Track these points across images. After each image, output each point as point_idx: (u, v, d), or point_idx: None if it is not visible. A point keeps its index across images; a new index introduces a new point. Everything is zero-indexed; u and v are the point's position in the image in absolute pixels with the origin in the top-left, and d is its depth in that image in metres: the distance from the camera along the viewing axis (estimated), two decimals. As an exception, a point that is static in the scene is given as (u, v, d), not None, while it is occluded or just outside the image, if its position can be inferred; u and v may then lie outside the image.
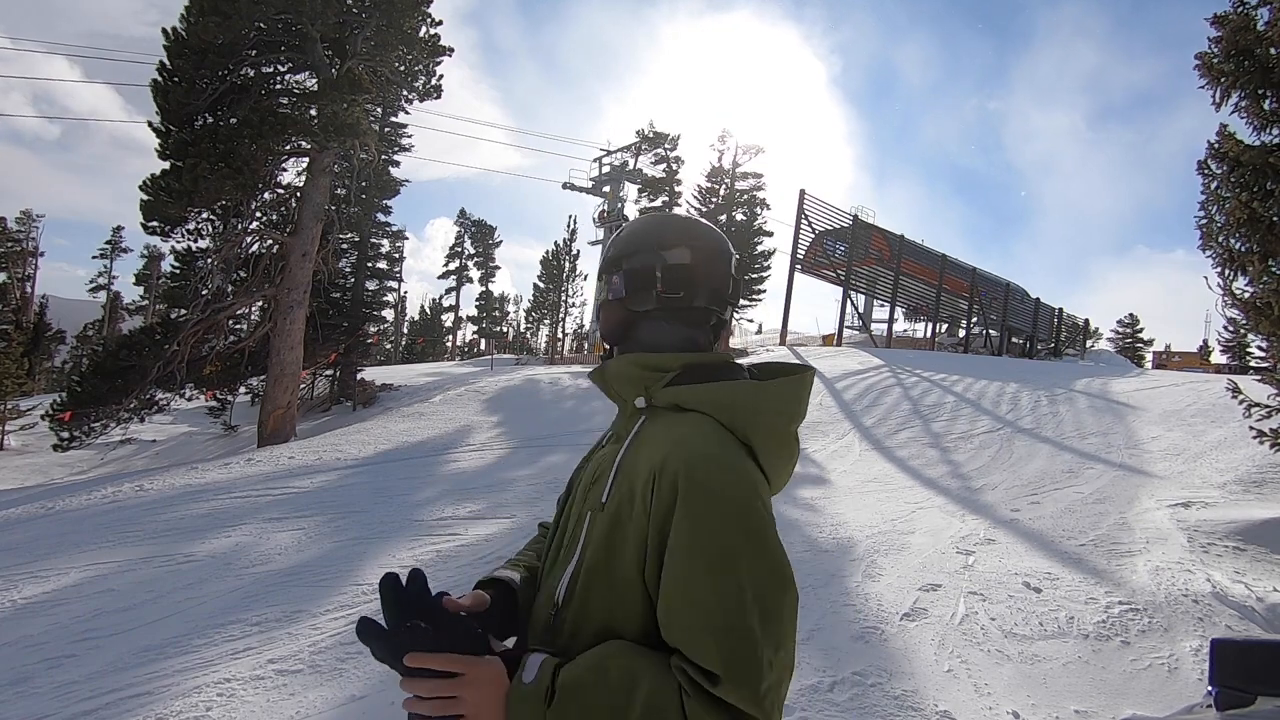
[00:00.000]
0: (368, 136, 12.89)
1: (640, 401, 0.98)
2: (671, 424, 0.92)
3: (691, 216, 1.09)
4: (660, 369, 0.97)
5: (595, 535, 0.90)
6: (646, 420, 0.96)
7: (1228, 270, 6.37)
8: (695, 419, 0.91)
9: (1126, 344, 40.80)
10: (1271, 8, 6.23)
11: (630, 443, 0.94)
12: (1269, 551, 5.20)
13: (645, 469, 0.87)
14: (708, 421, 0.90)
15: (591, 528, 0.91)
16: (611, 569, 0.87)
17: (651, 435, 0.93)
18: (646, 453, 0.89)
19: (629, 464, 0.91)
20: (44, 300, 27.28)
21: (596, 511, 0.91)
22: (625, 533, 0.86)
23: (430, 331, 44.97)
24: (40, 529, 5.90)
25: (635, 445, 0.93)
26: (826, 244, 22.61)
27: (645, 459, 0.88)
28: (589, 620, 0.88)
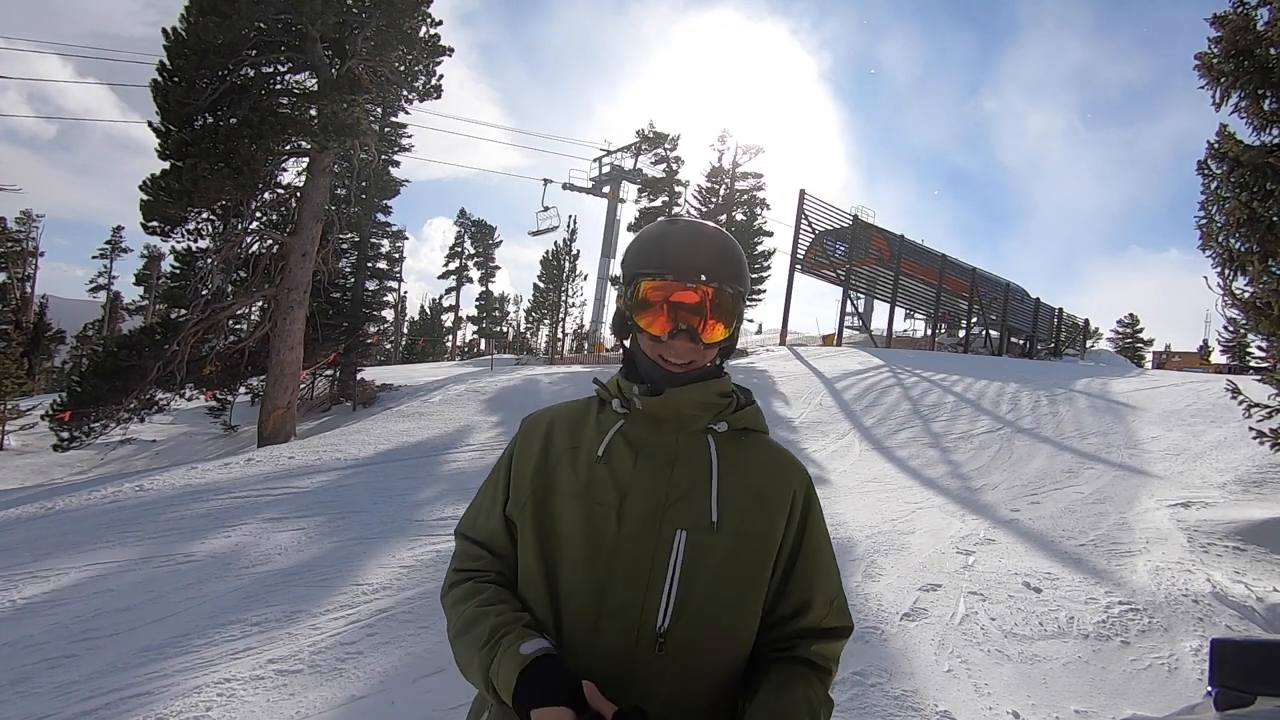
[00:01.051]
0: (368, 136, 12.88)
1: (722, 427, 1.03)
2: (759, 446, 1.06)
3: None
4: (728, 394, 1.06)
5: (706, 553, 0.94)
6: (720, 441, 1.02)
7: (1228, 270, 6.37)
8: (769, 441, 1.08)
9: (1126, 344, 40.79)
10: (1271, 8, 6.23)
11: (719, 465, 0.99)
12: (1269, 551, 5.20)
13: (776, 488, 1.01)
14: (774, 440, 1.09)
15: (695, 546, 0.94)
16: (733, 581, 0.96)
17: (745, 457, 1.03)
18: (758, 474, 1.01)
19: (733, 485, 0.99)
20: (44, 300, 27.27)
21: (699, 531, 0.95)
22: (759, 546, 0.98)
23: (430, 331, 44.97)
24: (40, 529, 5.90)
25: (728, 467, 1.00)
26: (826, 244, 22.62)
27: (767, 479, 1.02)
28: (700, 639, 0.94)
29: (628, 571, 0.94)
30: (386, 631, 3.79)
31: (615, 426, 1.03)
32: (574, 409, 1.10)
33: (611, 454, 1.00)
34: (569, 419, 1.08)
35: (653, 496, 0.97)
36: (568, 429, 1.06)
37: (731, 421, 1.04)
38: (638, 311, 1.02)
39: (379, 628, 3.81)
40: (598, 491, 0.98)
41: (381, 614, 4.00)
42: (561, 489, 1.00)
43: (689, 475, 0.98)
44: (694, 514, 0.96)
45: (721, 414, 1.04)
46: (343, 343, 16.79)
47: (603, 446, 1.01)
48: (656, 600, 0.93)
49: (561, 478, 1.01)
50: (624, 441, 1.01)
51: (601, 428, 1.04)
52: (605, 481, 0.98)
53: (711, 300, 1.00)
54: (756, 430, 1.07)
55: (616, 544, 0.95)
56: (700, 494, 0.97)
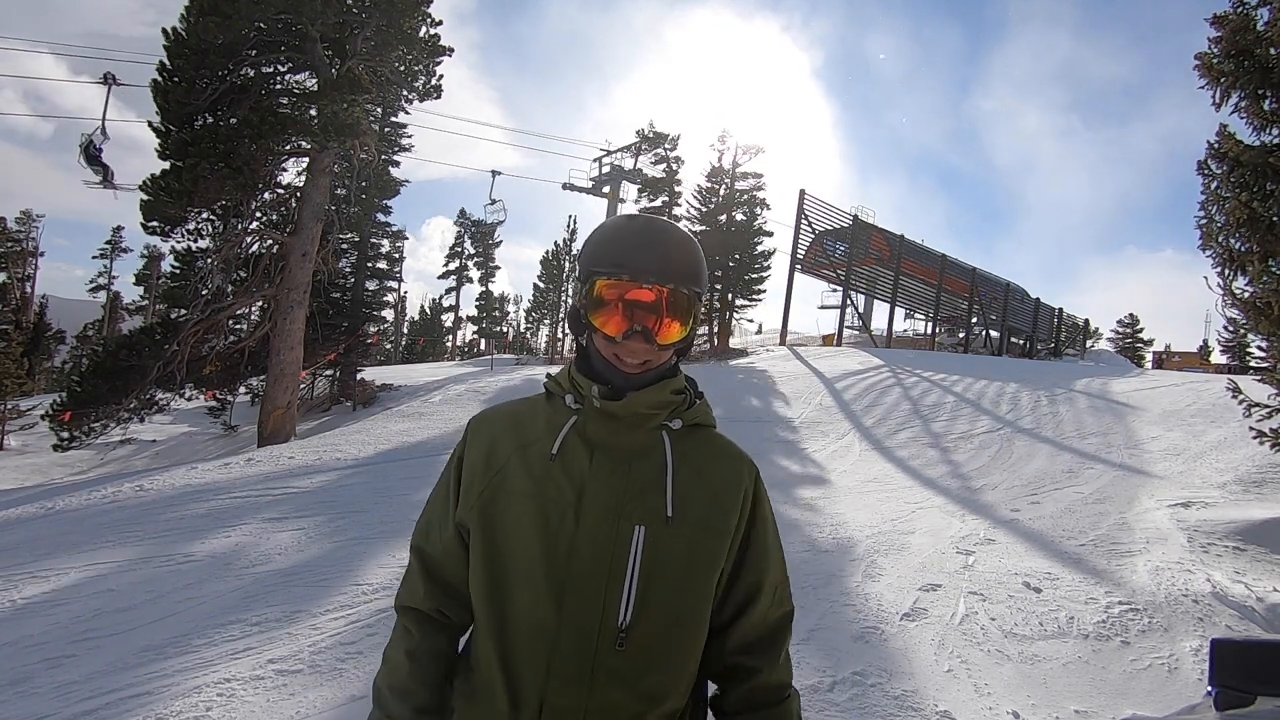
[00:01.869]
0: (368, 136, 12.88)
1: (677, 424, 1.03)
2: (711, 441, 1.07)
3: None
4: (682, 392, 1.06)
5: (663, 547, 0.95)
6: (675, 438, 1.02)
7: (1228, 270, 6.37)
8: (719, 435, 1.09)
9: (1126, 344, 40.79)
10: (1271, 8, 6.23)
11: (673, 460, 1.00)
12: (1269, 551, 5.20)
13: (728, 483, 1.03)
14: (723, 435, 1.10)
15: (653, 541, 0.95)
16: (690, 574, 0.97)
17: (698, 452, 1.03)
18: (711, 469, 1.03)
19: (687, 480, 1.00)
20: (44, 300, 27.27)
21: (657, 525, 0.96)
22: (715, 538, 0.99)
23: (430, 331, 44.97)
24: (40, 529, 5.90)
25: (682, 462, 1.00)
26: (826, 244, 22.62)
27: (719, 474, 1.03)
28: (659, 633, 0.96)
29: (587, 569, 0.94)
30: (386, 631, 3.77)
31: (569, 423, 1.01)
32: (520, 407, 1.09)
33: (566, 451, 0.99)
34: (516, 417, 1.07)
35: (611, 493, 0.96)
36: (516, 427, 1.04)
37: (685, 418, 1.04)
38: (593, 310, 1.00)
39: (379, 628, 3.81)
40: (553, 489, 0.97)
41: (381, 614, 4.00)
42: (513, 489, 0.98)
43: (645, 471, 0.98)
44: (651, 509, 0.96)
45: (675, 411, 1.04)
46: (343, 343, 16.79)
47: (556, 444, 0.99)
48: (617, 597, 0.93)
49: (513, 477, 0.99)
50: (579, 438, 1.00)
51: (552, 425, 1.02)
52: (560, 479, 0.97)
53: (667, 300, 0.99)
54: (706, 425, 1.08)
55: (574, 543, 0.94)
56: (656, 489, 0.97)
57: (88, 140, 14.99)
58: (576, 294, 1.06)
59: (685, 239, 1.02)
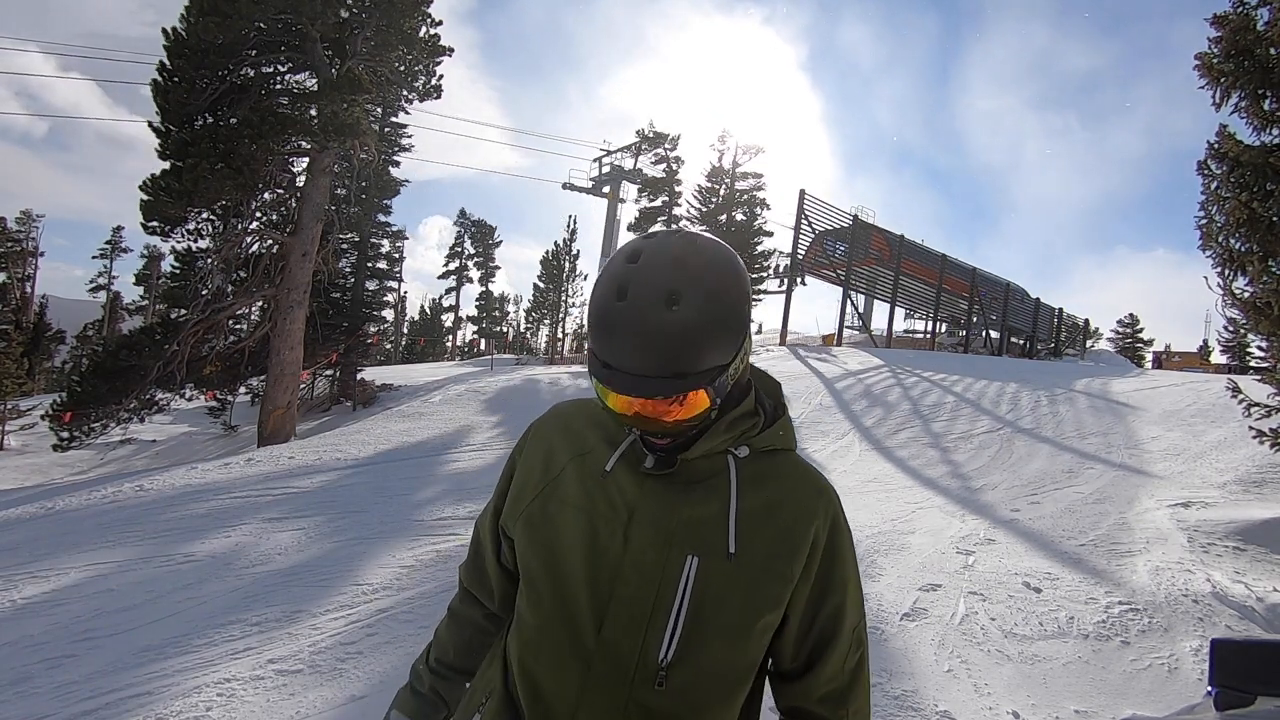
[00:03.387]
0: (368, 136, 12.89)
1: (744, 451, 0.92)
2: (786, 469, 0.95)
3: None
4: (750, 415, 0.95)
5: (718, 584, 0.86)
6: (741, 464, 0.92)
7: (1228, 270, 6.37)
8: (797, 461, 0.97)
9: (1126, 344, 40.80)
10: (1271, 8, 6.23)
11: (738, 490, 0.90)
12: (1269, 551, 5.20)
13: (802, 518, 0.91)
14: (801, 460, 0.98)
15: (707, 576, 0.86)
16: (746, 616, 0.87)
17: (770, 481, 0.92)
18: (782, 501, 0.91)
19: (754, 512, 0.89)
20: (44, 300, 27.29)
21: (716, 559, 0.86)
22: (779, 583, 0.88)
23: (430, 332, 44.98)
24: (40, 529, 5.90)
25: (750, 491, 0.90)
26: (826, 244, 22.62)
27: (793, 508, 0.91)
28: (703, 677, 0.87)
29: (631, 595, 0.86)
30: (386, 631, 3.79)
31: (628, 440, 0.93)
32: (584, 410, 1.01)
33: (620, 469, 0.91)
34: (578, 419, 1.00)
35: (664, 517, 0.88)
36: (576, 432, 0.98)
37: (754, 444, 0.93)
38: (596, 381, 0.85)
39: (379, 628, 3.82)
40: (604, 504, 0.90)
41: (381, 614, 4.01)
42: (566, 498, 0.92)
43: (705, 499, 0.89)
44: (708, 540, 0.87)
45: (744, 435, 0.93)
46: (343, 343, 16.80)
47: (611, 461, 0.92)
48: (660, 631, 0.85)
49: (566, 486, 0.93)
50: (636, 458, 0.92)
51: (611, 437, 0.94)
52: (613, 495, 0.90)
53: (663, 409, 0.83)
54: (784, 449, 0.97)
55: (620, 564, 0.87)
56: (716, 519, 0.88)
57: None
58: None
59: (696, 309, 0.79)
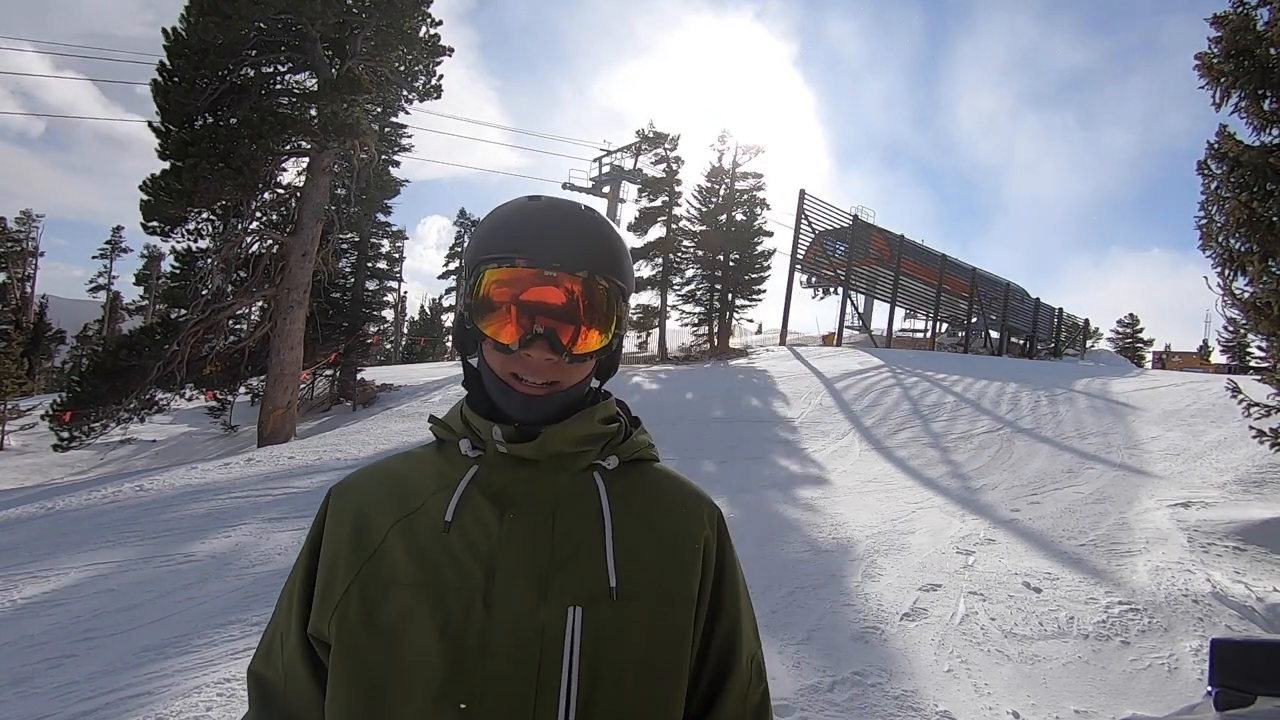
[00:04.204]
0: (368, 136, 12.89)
1: (612, 461, 0.79)
2: (657, 479, 0.83)
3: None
4: (615, 419, 0.83)
5: (611, 631, 0.71)
6: (610, 479, 0.78)
7: (1228, 270, 6.38)
8: (665, 471, 0.85)
9: (1126, 344, 40.81)
10: (1271, 8, 6.24)
11: (611, 510, 0.76)
12: (1269, 551, 5.20)
13: (686, 531, 0.79)
14: (669, 467, 0.86)
15: (597, 625, 0.71)
16: (654, 660, 0.74)
17: (643, 496, 0.80)
18: (661, 516, 0.79)
19: (632, 535, 0.76)
20: (44, 300, 27.32)
21: (599, 601, 0.71)
22: (678, 608, 0.76)
23: (430, 332, 45.00)
24: (40, 529, 5.90)
25: (623, 510, 0.77)
26: (826, 244, 22.63)
27: (673, 521, 0.79)
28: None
29: (507, 676, 0.69)
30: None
31: (467, 475, 0.75)
32: (397, 465, 0.82)
33: (465, 515, 0.73)
34: (392, 478, 0.80)
35: (532, 563, 0.71)
36: (393, 492, 0.78)
37: (622, 453, 0.81)
38: (481, 314, 0.75)
39: (379, 628, 3.81)
40: (450, 572, 0.71)
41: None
42: (396, 578, 0.72)
43: (576, 528, 0.74)
44: (587, 580, 0.72)
45: (609, 445, 0.80)
46: (343, 343, 16.81)
47: (452, 506, 0.73)
48: (552, 706, 0.68)
49: (393, 562, 0.73)
50: (481, 495, 0.74)
51: (445, 479, 0.77)
52: (460, 555, 0.71)
53: (581, 294, 0.75)
54: (649, 459, 0.84)
55: (486, 641, 0.69)
56: (592, 551, 0.73)
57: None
58: (460, 297, 0.80)
59: (601, 222, 0.78)
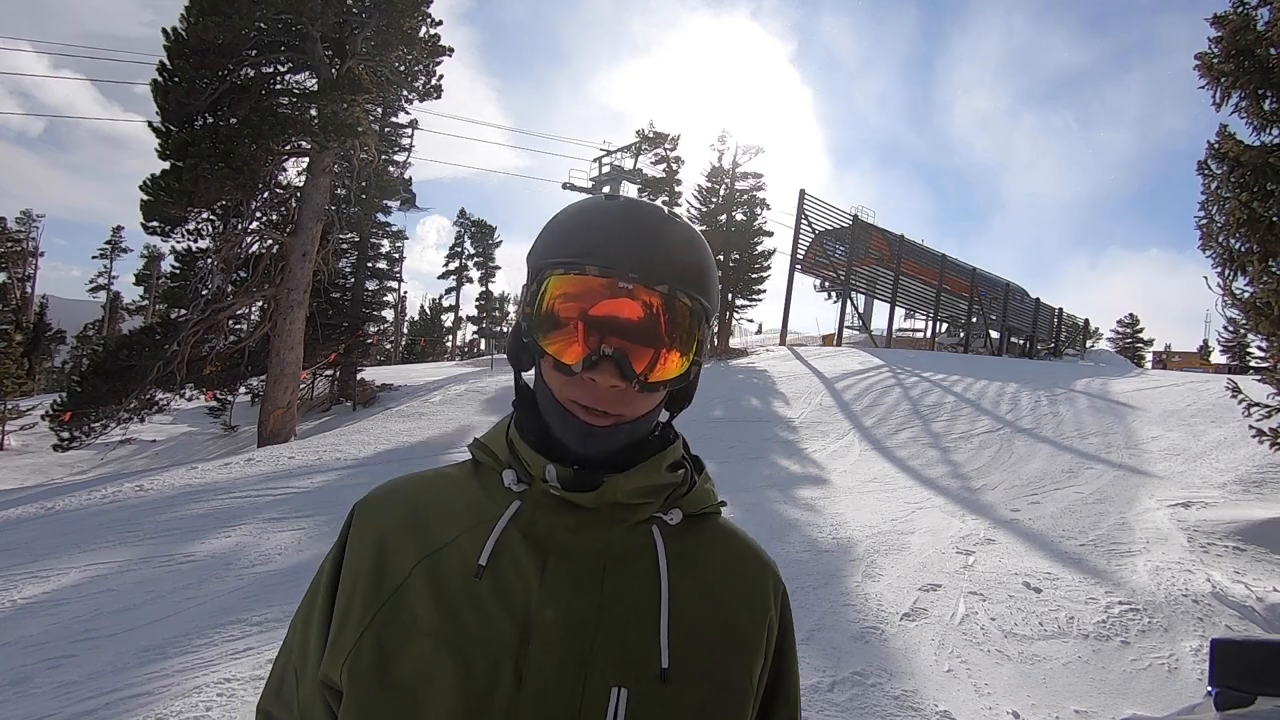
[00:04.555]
0: (368, 136, 12.89)
1: (675, 516, 0.68)
2: (720, 540, 0.72)
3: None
4: (681, 466, 0.72)
5: (657, 717, 0.61)
6: (670, 536, 0.68)
7: (1228, 270, 6.38)
8: (728, 528, 0.74)
9: (1126, 344, 40.82)
10: (1271, 8, 6.24)
11: (669, 576, 0.65)
12: (1269, 551, 5.20)
13: (751, 606, 0.69)
14: (730, 523, 0.75)
15: (644, 708, 0.60)
16: None
17: (704, 559, 0.69)
18: (727, 584, 0.69)
19: (692, 604, 0.65)
20: (44, 300, 27.33)
21: (646, 684, 0.61)
22: (735, 700, 0.66)
23: (430, 332, 45.03)
24: (40, 529, 5.90)
25: (682, 576, 0.66)
26: (826, 244, 22.64)
27: (738, 593, 0.69)
28: None
29: None
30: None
31: (508, 512, 0.65)
32: (428, 488, 0.70)
33: (502, 561, 0.63)
34: (420, 505, 0.68)
35: (574, 631, 0.60)
36: (421, 521, 0.67)
37: (686, 506, 0.69)
38: (542, 328, 0.64)
39: (379, 628, 3.81)
40: (478, 626, 0.60)
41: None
42: (416, 626, 0.61)
43: (627, 592, 0.63)
44: (636, 656, 0.61)
45: (673, 496, 0.69)
46: (343, 343, 16.81)
47: (487, 548, 0.63)
48: None
49: (414, 607, 0.62)
50: (522, 539, 0.64)
51: (481, 514, 0.66)
52: (492, 608, 0.61)
53: (661, 313, 0.63)
54: (711, 513, 0.73)
55: (513, 714, 0.58)
56: (643, 622, 0.62)
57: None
58: (520, 307, 0.69)
59: (691, 231, 0.67)
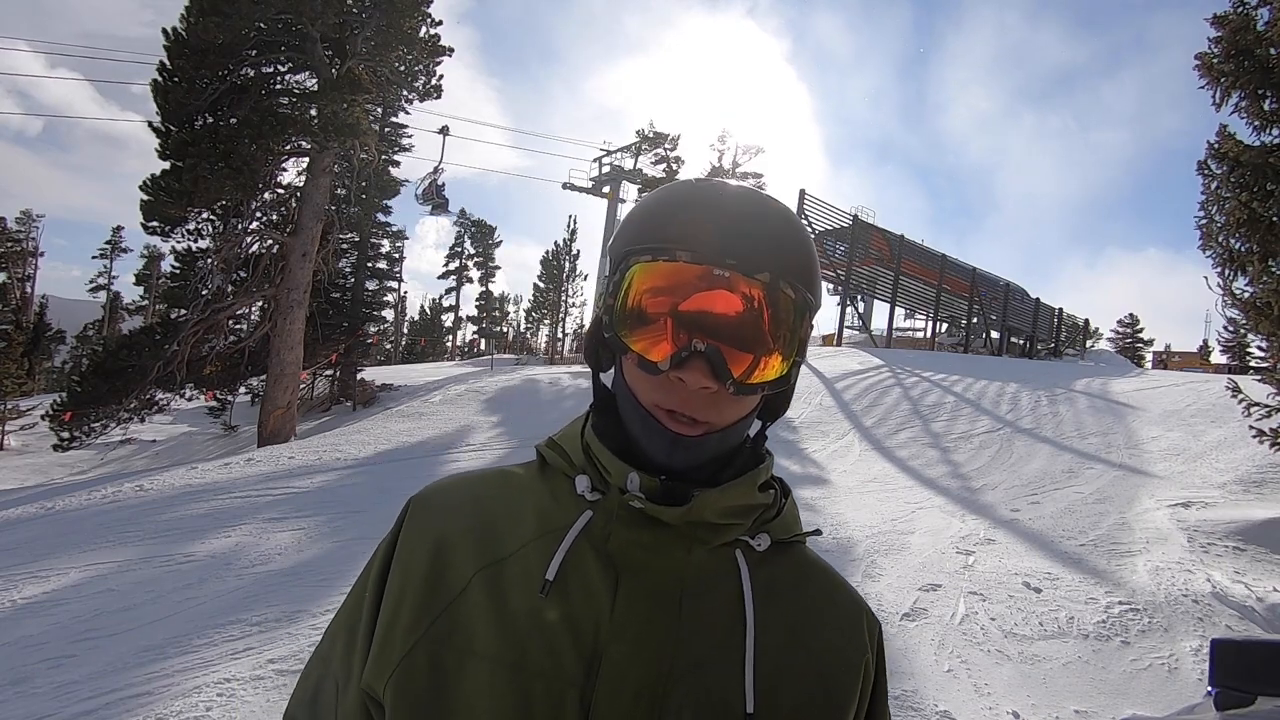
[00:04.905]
0: (368, 136, 12.90)
1: (763, 541, 0.61)
2: (807, 572, 0.65)
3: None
4: (770, 486, 0.66)
5: None
6: (755, 564, 0.61)
7: (1228, 270, 6.39)
8: (817, 561, 0.67)
9: (1126, 344, 40.82)
10: (1271, 8, 6.24)
11: (755, 607, 0.58)
12: (1269, 551, 5.20)
13: (844, 648, 0.62)
14: (817, 556, 0.68)
15: None
16: None
17: (790, 590, 0.62)
18: (817, 621, 0.61)
19: (778, 639, 0.58)
20: (44, 300, 27.31)
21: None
22: None
23: (430, 332, 45.04)
24: (40, 529, 5.90)
25: (767, 608, 0.59)
26: (826, 244, 22.64)
27: (829, 632, 0.62)
28: None
29: None
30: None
31: (579, 524, 0.58)
32: (490, 488, 0.63)
33: (571, 578, 0.56)
34: (486, 504, 0.62)
35: (648, 661, 0.54)
36: (485, 524, 0.60)
37: (774, 531, 0.63)
38: (626, 322, 0.57)
39: (379, 628, 3.82)
40: (541, 652, 0.53)
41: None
42: (471, 646, 0.54)
43: (707, 624, 0.56)
44: (716, 699, 0.54)
45: (760, 519, 0.62)
46: (343, 343, 16.81)
47: (555, 562, 0.56)
48: None
49: (471, 623, 0.55)
50: (592, 553, 0.57)
51: (548, 523, 0.59)
52: (557, 631, 0.54)
53: (764, 305, 0.55)
54: (799, 541, 0.66)
55: None
56: (725, 658, 0.55)
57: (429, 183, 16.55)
58: (602, 299, 0.61)
59: (790, 214, 0.60)
